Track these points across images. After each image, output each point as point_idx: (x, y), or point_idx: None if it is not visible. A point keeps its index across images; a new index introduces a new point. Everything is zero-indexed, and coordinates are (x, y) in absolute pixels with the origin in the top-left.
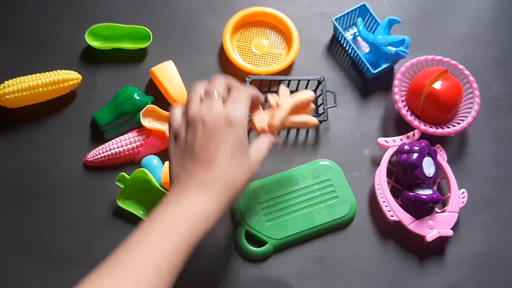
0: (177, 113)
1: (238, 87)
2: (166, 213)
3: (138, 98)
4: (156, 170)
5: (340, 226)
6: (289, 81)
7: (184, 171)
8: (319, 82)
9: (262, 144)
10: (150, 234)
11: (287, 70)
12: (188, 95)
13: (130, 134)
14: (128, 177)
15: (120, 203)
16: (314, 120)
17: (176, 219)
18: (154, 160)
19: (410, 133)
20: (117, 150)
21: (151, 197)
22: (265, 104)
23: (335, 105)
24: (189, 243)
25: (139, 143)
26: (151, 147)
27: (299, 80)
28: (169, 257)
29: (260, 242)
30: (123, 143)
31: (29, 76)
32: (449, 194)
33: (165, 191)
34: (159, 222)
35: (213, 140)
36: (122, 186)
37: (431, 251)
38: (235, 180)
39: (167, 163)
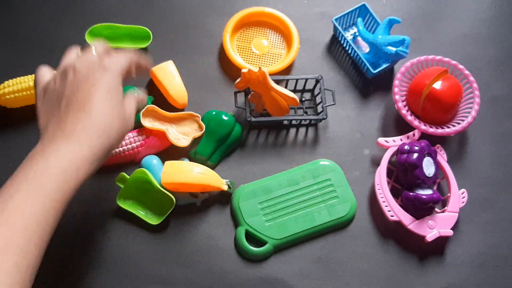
0: (45, 70)
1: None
2: (31, 168)
3: None
4: (156, 170)
5: (340, 226)
6: (288, 80)
7: (53, 119)
8: (317, 81)
9: (132, 98)
10: (15, 195)
11: (287, 70)
12: (64, 54)
13: (130, 134)
14: (128, 177)
15: (120, 203)
16: (294, 96)
17: (42, 174)
18: (154, 160)
19: (410, 133)
20: (117, 150)
21: (151, 197)
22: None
23: (334, 103)
24: (59, 200)
25: (139, 143)
26: (151, 147)
27: (297, 79)
28: (36, 218)
29: (260, 242)
30: (123, 143)
31: (29, 76)
32: (449, 194)
33: (165, 191)
34: (24, 180)
35: (85, 84)
36: (122, 186)
37: (431, 251)
38: (109, 128)
39: (167, 162)
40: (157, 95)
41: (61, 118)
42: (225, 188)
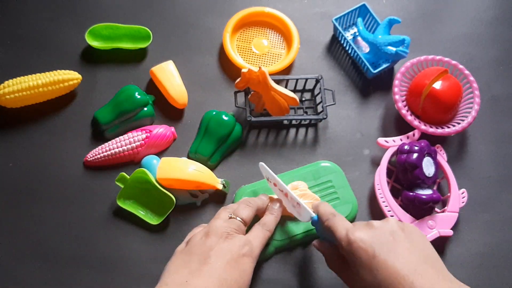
0: (200, 227)
1: (268, 217)
2: None
3: (139, 97)
4: (156, 170)
5: None
6: (288, 80)
7: (178, 263)
8: (317, 81)
9: None
10: None
11: (287, 70)
12: (218, 212)
13: (130, 134)
14: (128, 177)
15: (120, 203)
16: (294, 96)
17: None
18: (154, 160)
19: (410, 133)
20: (117, 150)
21: (151, 197)
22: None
23: (334, 102)
24: None
25: (139, 143)
26: (151, 147)
27: (297, 79)
28: None
29: None
30: (123, 143)
31: (29, 76)
32: (449, 194)
33: (165, 191)
34: None
35: (211, 241)
36: (122, 186)
37: None
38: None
39: (163, 159)
40: (157, 95)
41: (185, 264)
42: (220, 187)
